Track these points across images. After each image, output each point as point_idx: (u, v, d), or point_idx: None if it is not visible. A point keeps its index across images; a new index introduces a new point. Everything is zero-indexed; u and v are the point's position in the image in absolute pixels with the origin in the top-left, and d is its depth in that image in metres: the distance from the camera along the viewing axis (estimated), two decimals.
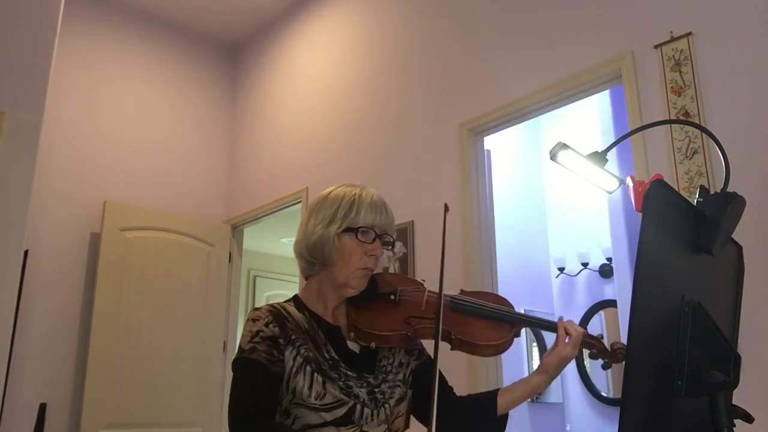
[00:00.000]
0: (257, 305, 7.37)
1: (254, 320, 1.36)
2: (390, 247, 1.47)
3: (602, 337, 1.49)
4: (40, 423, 3.77)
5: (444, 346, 1.41)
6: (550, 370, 1.42)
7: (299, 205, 4.31)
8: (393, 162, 3.70)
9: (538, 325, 1.49)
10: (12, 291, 2.84)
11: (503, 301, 1.52)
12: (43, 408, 3.82)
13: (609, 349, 1.44)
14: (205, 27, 5.13)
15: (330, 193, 1.47)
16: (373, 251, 1.41)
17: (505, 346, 1.43)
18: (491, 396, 1.48)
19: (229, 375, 1.38)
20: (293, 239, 1.50)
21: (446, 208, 1.38)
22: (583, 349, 1.46)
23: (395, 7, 3.98)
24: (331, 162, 4.15)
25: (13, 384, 3.60)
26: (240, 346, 1.35)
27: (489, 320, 1.45)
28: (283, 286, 6.87)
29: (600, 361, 1.47)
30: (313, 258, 1.44)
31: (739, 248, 1.24)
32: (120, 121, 4.63)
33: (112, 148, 4.54)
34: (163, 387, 4.19)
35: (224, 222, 4.92)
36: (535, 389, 1.46)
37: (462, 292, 1.51)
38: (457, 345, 1.41)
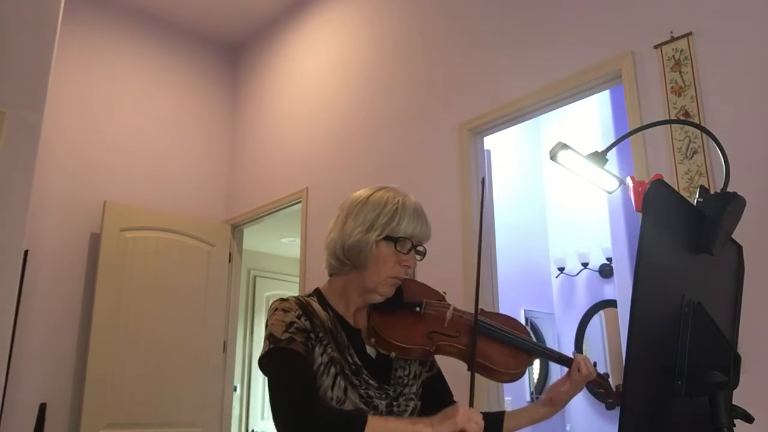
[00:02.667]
0: (257, 305, 7.24)
1: (285, 311, 1.33)
2: (422, 257, 1.45)
3: (607, 376, 1.53)
4: (40, 423, 3.77)
5: (461, 365, 1.40)
6: (557, 405, 1.47)
7: (299, 205, 4.31)
8: (393, 162, 3.70)
9: (554, 358, 1.51)
10: (12, 291, 2.84)
11: (521, 328, 1.52)
12: (43, 408, 3.82)
13: (614, 390, 1.48)
14: (205, 27, 5.13)
15: (371, 195, 1.43)
16: (407, 262, 1.40)
17: (520, 375, 1.44)
18: (498, 418, 1.49)
19: (229, 374, 1.37)
20: (293, 239, 1.50)
21: (482, 182, 1.44)
22: (594, 388, 1.50)
23: (395, 8, 3.98)
24: (331, 162, 4.15)
25: (13, 384, 3.60)
26: (273, 336, 1.30)
27: (509, 347, 1.45)
28: (283, 286, 6.86)
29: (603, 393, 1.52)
30: (347, 259, 1.41)
31: (739, 248, 1.24)
32: (120, 121, 4.63)
33: (112, 148, 4.54)
34: (162, 387, 4.19)
35: (224, 222, 4.92)
36: (540, 419, 1.50)
37: (482, 312, 1.49)
38: (476, 367, 1.41)
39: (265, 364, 1.31)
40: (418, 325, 1.41)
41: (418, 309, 1.43)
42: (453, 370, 1.60)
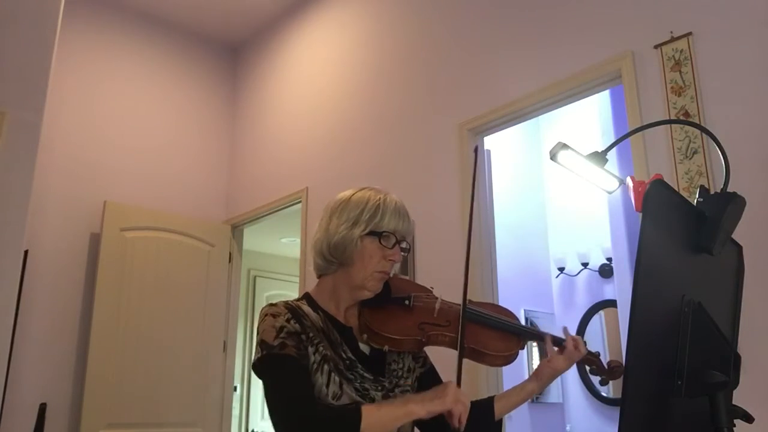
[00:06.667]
0: (257, 305, 7.23)
1: (275, 315, 1.35)
2: (406, 254, 1.49)
3: (599, 354, 1.56)
4: (40, 423, 3.77)
5: (452, 353, 1.42)
6: (543, 379, 1.51)
7: (299, 205, 4.31)
8: (393, 162, 3.70)
9: (541, 338, 1.55)
10: (12, 291, 2.84)
11: (509, 314, 1.57)
12: (43, 408, 3.81)
13: (606, 367, 1.52)
14: (205, 27, 5.13)
15: (353, 195, 1.48)
16: (392, 256, 1.43)
17: (512, 357, 1.48)
18: (488, 402, 1.53)
19: (229, 374, 1.37)
20: (293, 239, 1.51)
21: (476, 150, 1.51)
22: (585, 365, 1.53)
23: (395, 8, 3.98)
24: (331, 162, 4.15)
25: (13, 384, 3.60)
26: (264, 342, 1.32)
27: (499, 331, 1.49)
28: (283, 286, 6.86)
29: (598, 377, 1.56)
30: (333, 257, 1.45)
31: (739, 248, 1.24)
32: (120, 121, 4.63)
33: (112, 148, 4.54)
34: (163, 387, 4.19)
35: (224, 222, 4.92)
36: (529, 395, 1.54)
37: (470, 302, 1.52)
38: (468, 353, 1.44)
39: (259, 370, 1.33)
40: (409, 317, 1.45)
41: (407, 302, 1.47)
42: (446, 363, 1.60)
